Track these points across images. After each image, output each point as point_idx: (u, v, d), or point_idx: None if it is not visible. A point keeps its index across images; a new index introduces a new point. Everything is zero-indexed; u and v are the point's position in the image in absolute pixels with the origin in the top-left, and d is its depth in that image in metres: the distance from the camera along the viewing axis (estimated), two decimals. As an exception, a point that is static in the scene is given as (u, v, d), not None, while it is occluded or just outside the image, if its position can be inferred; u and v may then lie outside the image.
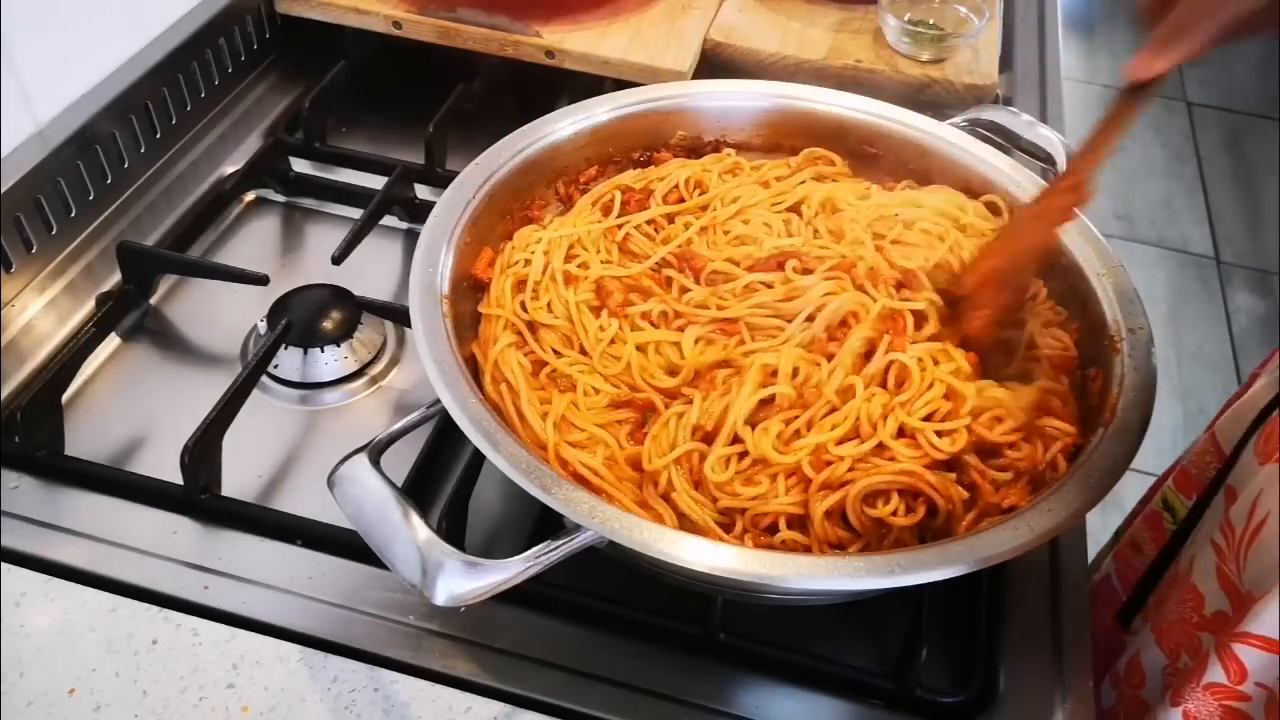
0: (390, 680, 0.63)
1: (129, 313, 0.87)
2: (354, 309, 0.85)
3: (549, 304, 0.73)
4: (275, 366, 0.82)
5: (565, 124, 0.83)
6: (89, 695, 0.61)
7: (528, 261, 0.76)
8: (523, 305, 0.73)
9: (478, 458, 0.71)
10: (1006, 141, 0.86)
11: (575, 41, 1.05)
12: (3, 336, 0.83)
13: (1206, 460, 0.86)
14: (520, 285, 0.75)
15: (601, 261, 0.76)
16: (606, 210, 0.81)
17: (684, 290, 0.74)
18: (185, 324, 0.88)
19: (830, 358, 0.68)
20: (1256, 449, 0.76)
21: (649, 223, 0.80)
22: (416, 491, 0.73)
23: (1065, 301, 0.76)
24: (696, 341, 0.71)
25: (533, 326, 0.73)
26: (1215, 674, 0.69)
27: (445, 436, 0.76)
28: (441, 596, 0.54)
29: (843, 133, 0.86)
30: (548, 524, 0.65)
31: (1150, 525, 0.93)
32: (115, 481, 0.73)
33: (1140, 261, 2.71)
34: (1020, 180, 0.81)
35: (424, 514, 0.57)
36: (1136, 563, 0.92)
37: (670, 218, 0.81)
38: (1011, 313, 0.74)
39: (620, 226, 0.80)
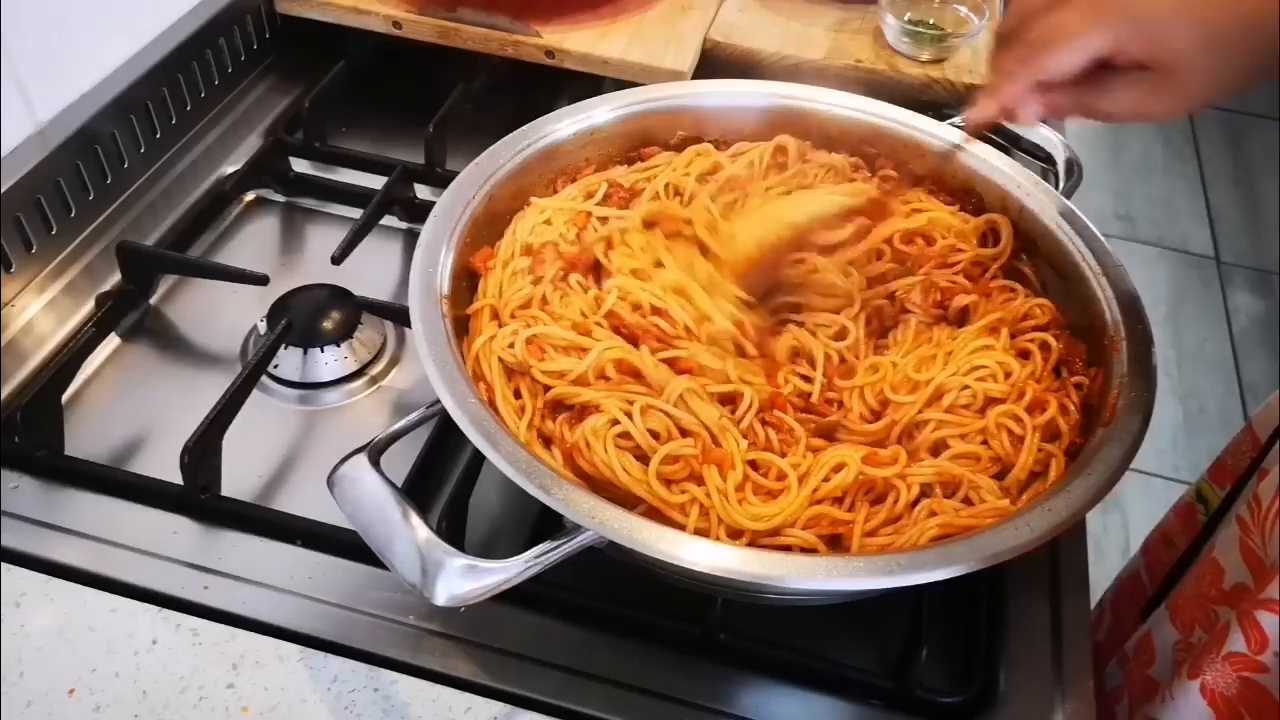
0: (390, 680, 0.63)
1: (129, 313, 0.87)
2: (354, 309, 0.85)
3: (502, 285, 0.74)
4: (275, 366, 0.82)
5: (565, 124, 0.82)
6: (89, 695, 0.61)
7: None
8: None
9: (478, 458, 0.71)
10: (1006, 142, 0.86)
11: (575, 41, 1.04)
12: (3, 336, 0.83)
13: (1243, 450, 0.86)
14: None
15: (557, 234, 0.77)
16: (589, 197, 0.81)
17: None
18: (185, 324, 0.88)
19: None
20: None
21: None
22: (416, 491, 0.73)
23: (1065, 301, 0.76)
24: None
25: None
26: (1236, 643, 0.69)
27: (445, 436, 0.75)
28: (441, 597, 0.54)
29: (843, 133, 0.86)
30: (548, 524, 0.65)
31: (1183, 518, 0.93)
32: (115, 481, 0.73)
33: (1140, 261, 2.71)
34: (1020, 181, 0.80)
35: (424, 514, 0.57)
36: (1167, 556, 0.92)
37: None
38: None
39: (589, 214, 0.79)
